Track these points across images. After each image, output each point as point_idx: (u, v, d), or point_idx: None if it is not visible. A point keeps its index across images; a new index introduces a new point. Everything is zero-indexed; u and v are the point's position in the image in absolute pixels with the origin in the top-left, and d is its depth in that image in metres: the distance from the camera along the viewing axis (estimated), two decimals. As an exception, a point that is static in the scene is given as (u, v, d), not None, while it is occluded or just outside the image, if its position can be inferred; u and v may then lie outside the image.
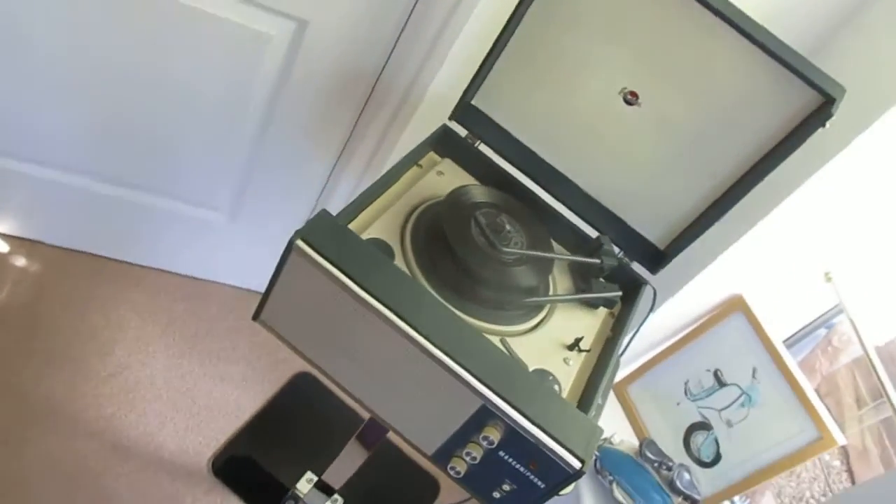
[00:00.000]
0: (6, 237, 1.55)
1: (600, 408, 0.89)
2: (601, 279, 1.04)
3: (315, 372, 0.87)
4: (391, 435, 0.95)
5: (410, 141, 1.29)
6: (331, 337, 0.83)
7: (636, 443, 1.30)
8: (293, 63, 1.24)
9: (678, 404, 1.40)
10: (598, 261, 1.03)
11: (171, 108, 1.30)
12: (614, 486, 1.30)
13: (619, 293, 1.04)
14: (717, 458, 1.32)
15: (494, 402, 0.76)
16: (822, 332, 1.48)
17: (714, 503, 1.30)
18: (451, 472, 0.84)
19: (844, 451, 2.25)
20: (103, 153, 1.39)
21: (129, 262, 1.63)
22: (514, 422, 0.76)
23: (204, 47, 1.20)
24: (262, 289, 0.80)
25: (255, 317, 0.88)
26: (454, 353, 0.76)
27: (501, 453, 0.80)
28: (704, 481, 1.32)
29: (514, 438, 0.77)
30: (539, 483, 0.80)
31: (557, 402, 0.80)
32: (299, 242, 0.78)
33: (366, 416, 1.19)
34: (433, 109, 1.28)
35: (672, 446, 1.38)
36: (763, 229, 1.19)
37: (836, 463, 2.35)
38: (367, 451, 1.24)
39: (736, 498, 1.29)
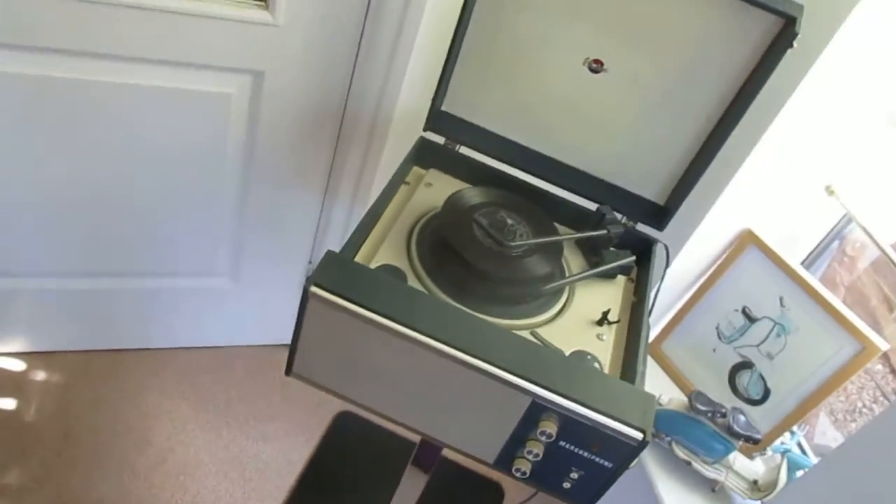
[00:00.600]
0: (21, 355, 1.54)
1: (643, 374, 0.89)
2: (611, 249, 1.05)
3: (355, 408, 0.86)
4: (447, 451, 0.95)
5: (391, 161, 1.29)
6: (367, 372, 0.83)
7: (684, 398, 1.30)
8: (258, 115, 1.24)
9: (714, 350, 1.40)
10: (604, 231, 1.03)
11: (151, 189, 1.31)
12: (674, 445, 1.30)
13: (633, 258, 1.04)
14: (766, 394, 1.31)
15: (543, 395, 0.76)
16: (835, 244, 1.48)
17: (774, 437, 1.30)
18: (517, 474, 0.84)
19: (885, 354, 2.25)
20: (96, 250, 1.39)
21: (147, 348, 1.63)
22: (568, 410, 0.76)
23: (168, 123, 1.21)
24: (282, 341, 0.80)
25: (288, 371, 0.88)
26: (491, 358, 0.76)
27: (562, 443, 0.79)
28: (759, 419, 1.31)
29: (572, 426, 0.77)
30: (606, 463, 0.79)
31: (603, 379, 0.80)
32: (314, 288, 0.77)
33: (416, 439, 1.19)
34: (406, 125, 1.28)
35: (719, 393, 1.38)
36: (756, 159, 1.20)
37: (879, 367, 2.36)
38: (425, 475, 1.23)
39: (794, 428, 1.29)
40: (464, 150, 1.10)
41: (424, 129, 1.08)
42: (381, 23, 1.16)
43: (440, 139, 1.10)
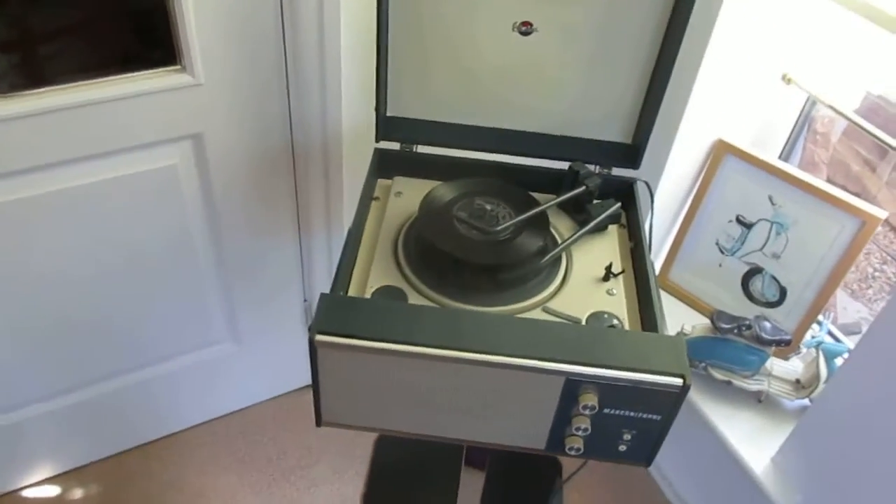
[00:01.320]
0: (51, 480, 1.52)
1: (662, 312, 0.88)
2: (595, 202, 1.03)
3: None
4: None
5: (355, 180, 1.27)
6: (396, 400, 0.82)
7: (706, 321, 1.29)
8: (209, 177, 1.21)
9: (721, 265, 1.39)
10: (583, 187, 1.02)
11: (127, 282, 1.27)
12: (710, 369, 1.30)
13: (618, 204, 1.03)
14: (783, 294, 1.31)
15: (574, 371, 0.74)
16: (805, 129, 1.46)
17: (803, 333, 1.30)
18: (572, 453, 0.83)
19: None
20: (91, 357, 1.35)
21: (173, 433, 1.61)
22: (603, 378, 0.74)
23: (123, 213, 1.17)
24: (301, 384, 0.78)
25: (319, 422, 0.86)
26: (511, 350, 0.75)
27: (607, 411, 0.78)
28: (784, 319, 1.31)
29: (611, 392, 0.76)
30: (654, 417, 0.78)
31: (627, 337, 0.79)
32: (319, 337, 0.75)
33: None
34: (359, 141, 1.25)
35: (738, 305, 1.38)
36: (708, 70, 1.18)
37: (879, 228, 2.37)
38: (481, 471, 1.23)
39: (820, 318, 1.29)
40: (422, 149, 1.08)
41: (377, 140, 1.06)
42: (302, 50, 1.13)
43: (395, 145, 1.08)
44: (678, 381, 0.74)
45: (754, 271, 1.35)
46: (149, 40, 1.08)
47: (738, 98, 1.27)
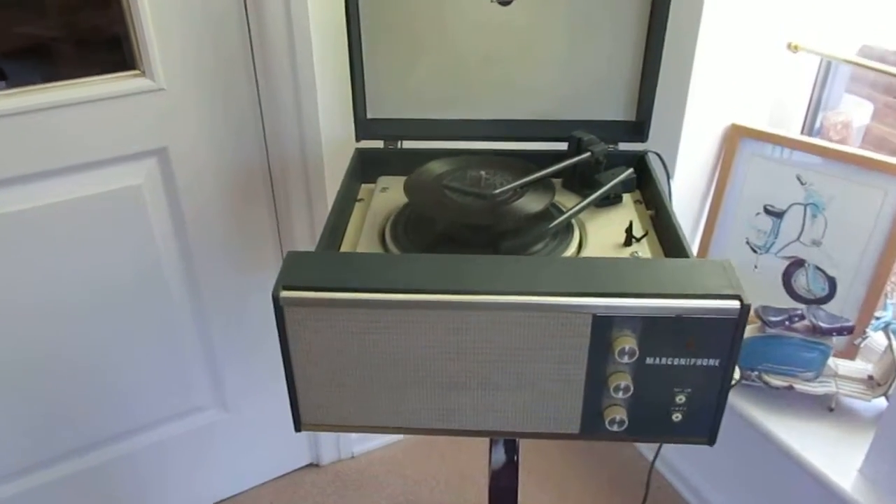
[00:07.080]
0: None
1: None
2: (603, 171, 0.92)
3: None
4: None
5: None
6: (393, 379, 0.66)
7: (752, 324, 1.13)
8: (178, 200, 1.10)
9: (756, 267, 1.24)
10: (588, 153, 0.91)
11: (89, 329, 1.13)
12: (766, 377, 1.12)
13: (631, 169, 0.92)
14: (832, 285, 1.16)
15: (603, 304, 0.60)
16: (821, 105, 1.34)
17: (865, 322, 1.13)
18: (615, 428, 0.66)
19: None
20: (59, 420, 1.18)
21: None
22: (639, 309, 0.60)
23: (79, 245, 1.05)
24: (301, 464, 0.62)
25: (297, 425, 0.70)
26: (523, 287, 0.61)
27: (650, 361, 0.63)
28: (840, 313, 1.14)
29: (652, 331, 0.61)
30: (711, 362, 0.63)
31: (664, 264, 0.65)
32: (285, 293, 0.62)
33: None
34: (343, 153, 1.16)
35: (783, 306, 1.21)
36: (707, 47, 1.09)
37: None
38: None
39: (887, 301, 1.12)
40: (408, 144, 0.99)
41: (357, 140, 0.97)
42: (270, 51, 1.05)
43: (378, 143, 0.99)
44: (734, 304, 0.59)
45: (795, 265, 1.20)
46: (103, 43, 1.01)
47: (746, 75, 1.18)
